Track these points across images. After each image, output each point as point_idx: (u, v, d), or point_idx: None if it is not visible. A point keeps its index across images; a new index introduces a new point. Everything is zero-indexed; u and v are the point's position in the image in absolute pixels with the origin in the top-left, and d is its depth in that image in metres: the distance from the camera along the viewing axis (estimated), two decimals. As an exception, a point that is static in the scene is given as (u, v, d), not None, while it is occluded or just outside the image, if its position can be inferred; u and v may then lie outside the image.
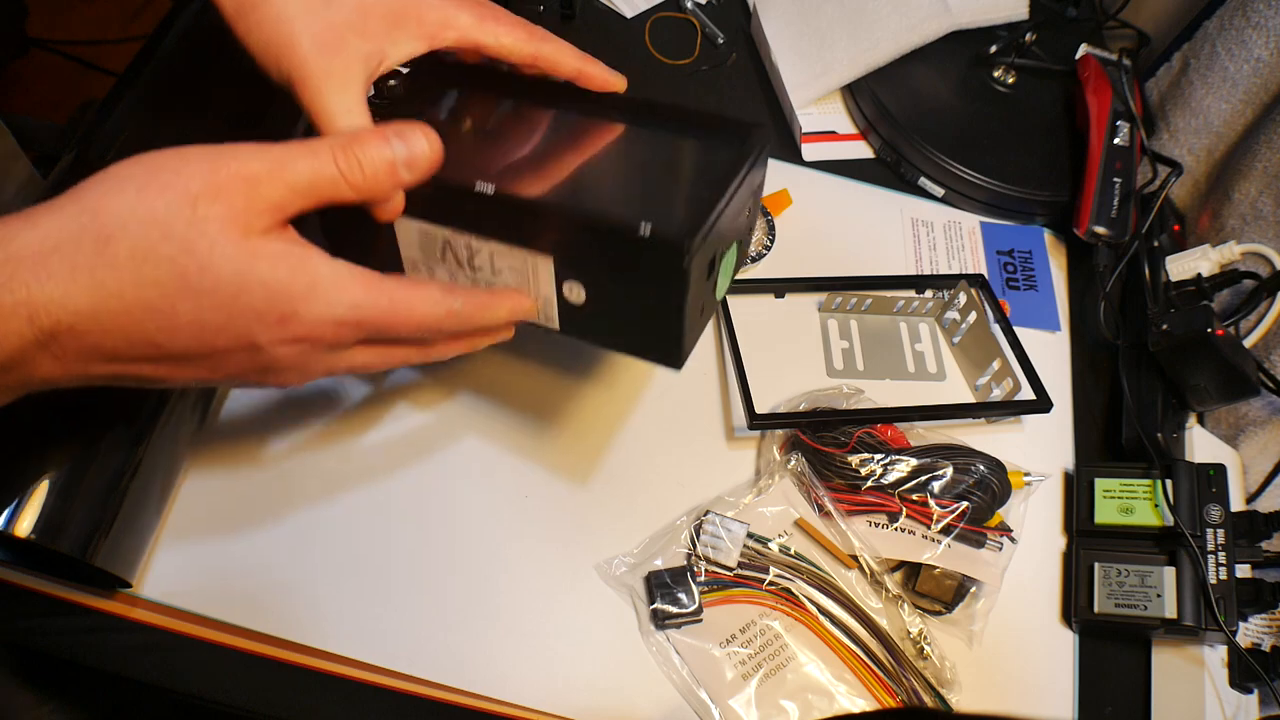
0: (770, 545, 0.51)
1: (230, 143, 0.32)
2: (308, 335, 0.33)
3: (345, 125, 0.38)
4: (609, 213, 0.36)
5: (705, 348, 0.59)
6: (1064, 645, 0.53)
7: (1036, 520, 0.56)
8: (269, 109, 0.53)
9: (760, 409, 0.53)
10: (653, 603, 0.48)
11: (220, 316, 0.31)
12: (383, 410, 0.54)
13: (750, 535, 0.51)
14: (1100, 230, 0.63)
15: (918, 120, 0.68)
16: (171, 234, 0.30)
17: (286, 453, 0.51)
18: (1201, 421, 0.61)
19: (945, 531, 0.51)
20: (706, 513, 0.51)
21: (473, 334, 0.40)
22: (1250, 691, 0.51)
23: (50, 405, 0.36)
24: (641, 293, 0.37)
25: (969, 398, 0.60)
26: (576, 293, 0.39)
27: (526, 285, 0.39)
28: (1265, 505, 0.55)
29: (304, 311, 0.32)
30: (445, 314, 0.36)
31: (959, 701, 0.49)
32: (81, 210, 0.30)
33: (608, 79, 0.45)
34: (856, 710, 0.48)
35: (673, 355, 0.39)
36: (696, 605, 0.48)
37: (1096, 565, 0.53)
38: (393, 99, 0.42)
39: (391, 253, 0.41)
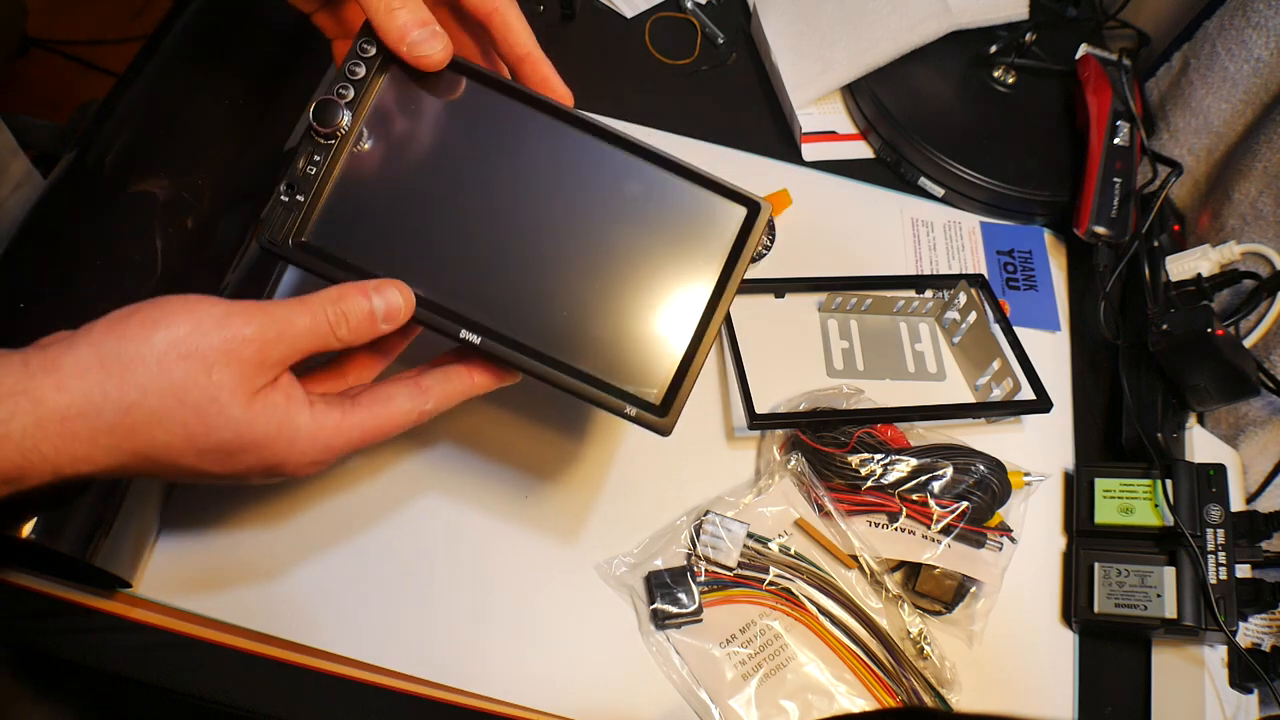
0: (770, 545, 0.51)
1: (238, 301, 0.35)
2: (294, 474, 0.38)
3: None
4: (596, 395, 0.39)
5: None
6: (1064, 645, 0.53)
7: (1036, 520, 0.56)
8: (269, 109, 0.53)
9: (760, 409, 0.53)
10: (653, 603, 0.48)
11: (218, 468, 0.35)
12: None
13: (750, 535, 0.51)
14: (1100, 230, 0.63)
15: (918, 120, 0.68)
16: (186, 400, 0.33)
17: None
18: (1201, 421, 0.61)
19: (945, 531, 0.51)
20: (706, 513, 0.51)
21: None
22: (1250, 691, 0.51)
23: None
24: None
25: (969, 398, 0.60)
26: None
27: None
28: (1265, 505, 0.55)
29: (288, 462, 0.36)
30: (416, 418, 0.39)
31: (959, 701, 0.49)
32: (107, 375, 0.32)
33: (550, 80, 0.43)
34: (856, 710, 0.48)
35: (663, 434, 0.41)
36: (696, 605, 0.48)
37: (1096, 565, 0.53)
38: (338, 139, 0.39)
39: None
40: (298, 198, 0.39)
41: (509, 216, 0.40)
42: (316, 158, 0.39)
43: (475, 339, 0.39)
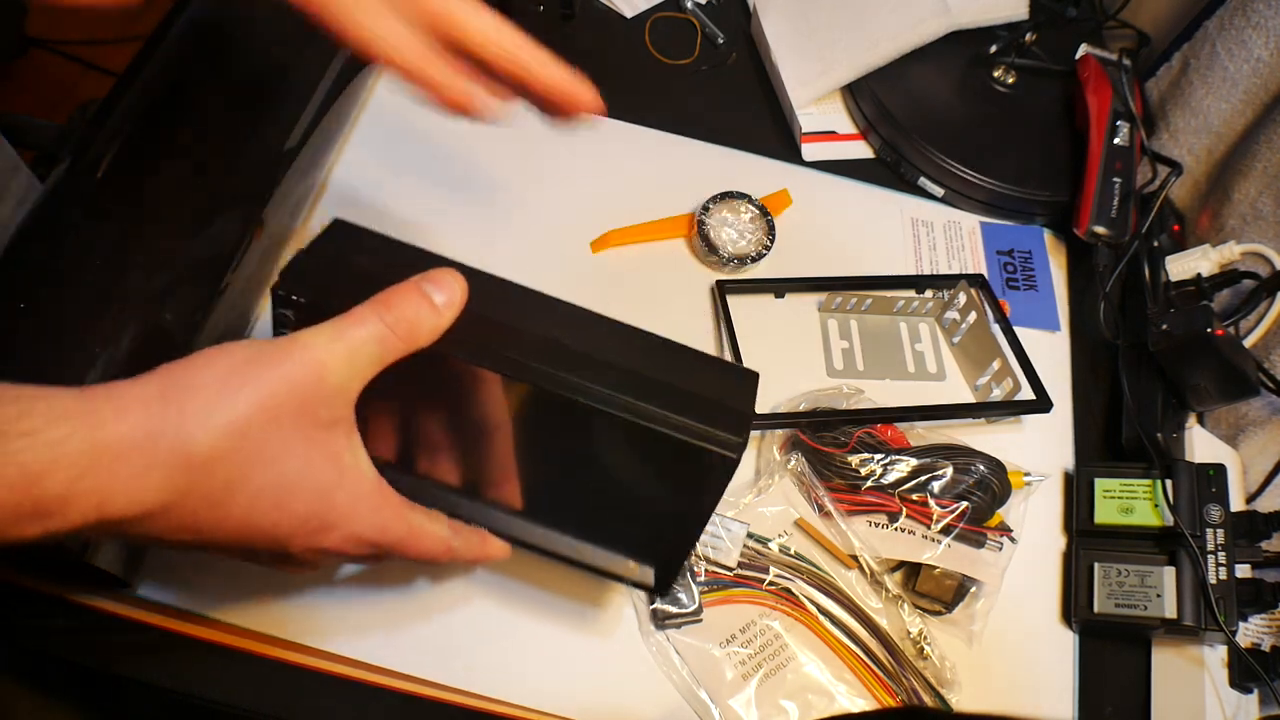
0: (770, 545, 0.51)
1: (299, 330, 0.34)
2: (333, 548, 0.36)
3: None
4: (605, 568, 0.42)
5: (705, 347, 0.59)
6: (1064, 645, 0.53)
7: (1036, 520, 0.56)
8: (269, 108, 0.53)
9: (760, 409, 0.53)
10: (653, 602, 0.48)
11: (268, 520, 0.33)
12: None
13: (750, 535, 0.51)
14: (1100, 230, 0.63)
15: (918, 120, 0.68)
16: (248, 435, 0.31)
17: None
18: (1201, 421, 0.61)
19: (945, 531, 0.51)
20: (706, 513, 0.51)
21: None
22: (1250, 691, 0.51)
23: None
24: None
25: (969, 398, 0.60)
26: None
27: None
28: (1265, 505, 0.55)
29: (340, 526, 0.35)
30: (444, 550, 0.39)
31: (959, 701, 0.49)
32: (167, 404, 0.31)
33: (585, 98, 0.42)
34: (856, 710, 0.48)
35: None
36: (696, 605, 0.48)
37: (1096, 565, 0.53)
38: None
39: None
40: None
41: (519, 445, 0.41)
42: None
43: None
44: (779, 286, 0.61)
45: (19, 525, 0.28)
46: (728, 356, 0.57)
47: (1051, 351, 0.63)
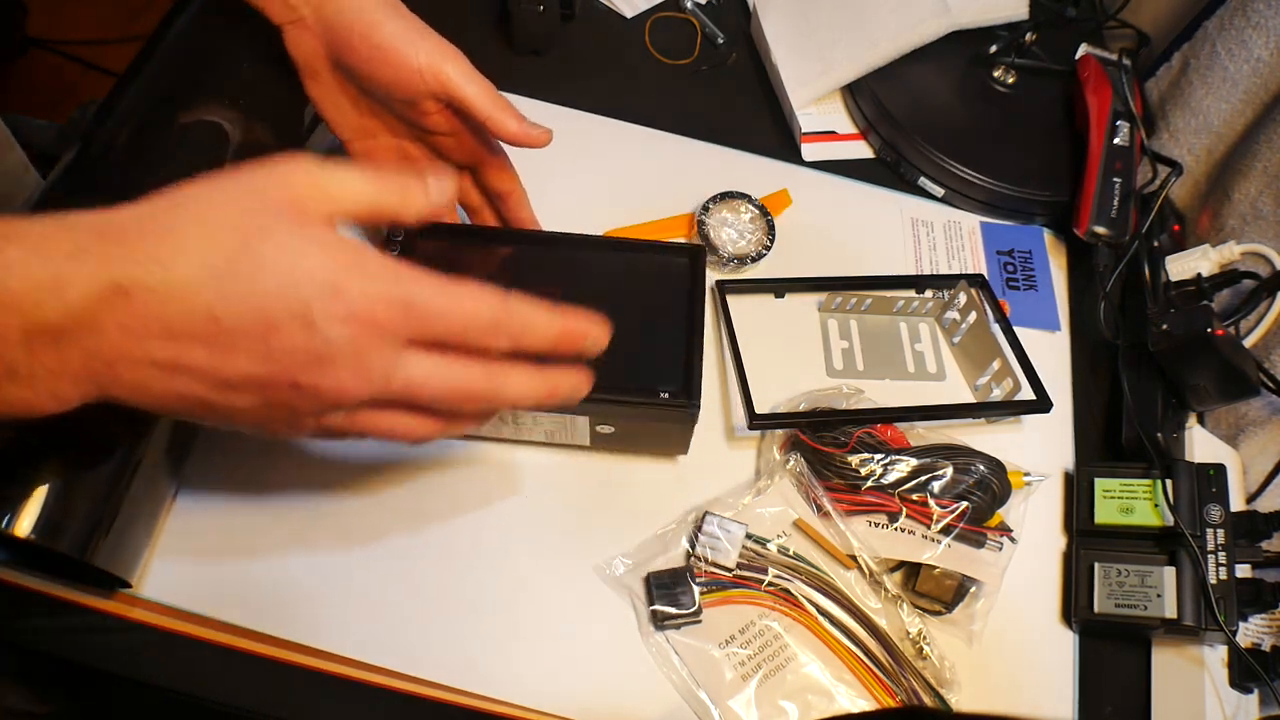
0: (769, 546, 0.51)
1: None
2: (360, 312, 0.32)
3: None
4: (636, 389, 0.48)
5: (706, 347, 0.59)
6: (1064, 645, 0.53)
7: (1036, 520, 0.56)
8: (269, 108, 0.53)
9: (760, 409, 0.53)
10: (652, 603, 0.48)
11: (275, 281, 0.31)
12: (382, 410, 0.53)
13: (749, 536, 0.51)
14: (1100, 230, 0.63)
15: (918, 120, 0.68)
16: (240, 204, 0.31)
17: (286, 453, 0.51)
18: (1201, 421, 0.61)
19: (945, 531, 0.51)
20: (705, 514, 0.51)
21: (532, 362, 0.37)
22: (1250, 691, 0.51)
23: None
24: (662, 427, 0.50)
25: (969, 398, 0.60)
26: (607, 429, 0.51)
27: (565, 430, 0.51)
28: (1265, 505, 0.55)
29: (354, 283, 0.32)
30: (499, 309, 0.35)
31: (959, 701, 0.49)
32: (163, 194, 0.31)
33: (527, 222, 0.56)
34: (856, 710, 0.48)
35: (682, 451, 0.53)
36: (696, 606, 0.48)
37: (1096, 565, 0.53)
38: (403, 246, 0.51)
39: None
40: None
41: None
42: None
43: None
44: (779, 286, 0.61)
45: None
46: (728, 356, 0.57)
47: (1051, 351, 0.63)
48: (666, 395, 0.48)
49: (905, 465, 0.51)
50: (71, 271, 0.29)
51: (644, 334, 0.50)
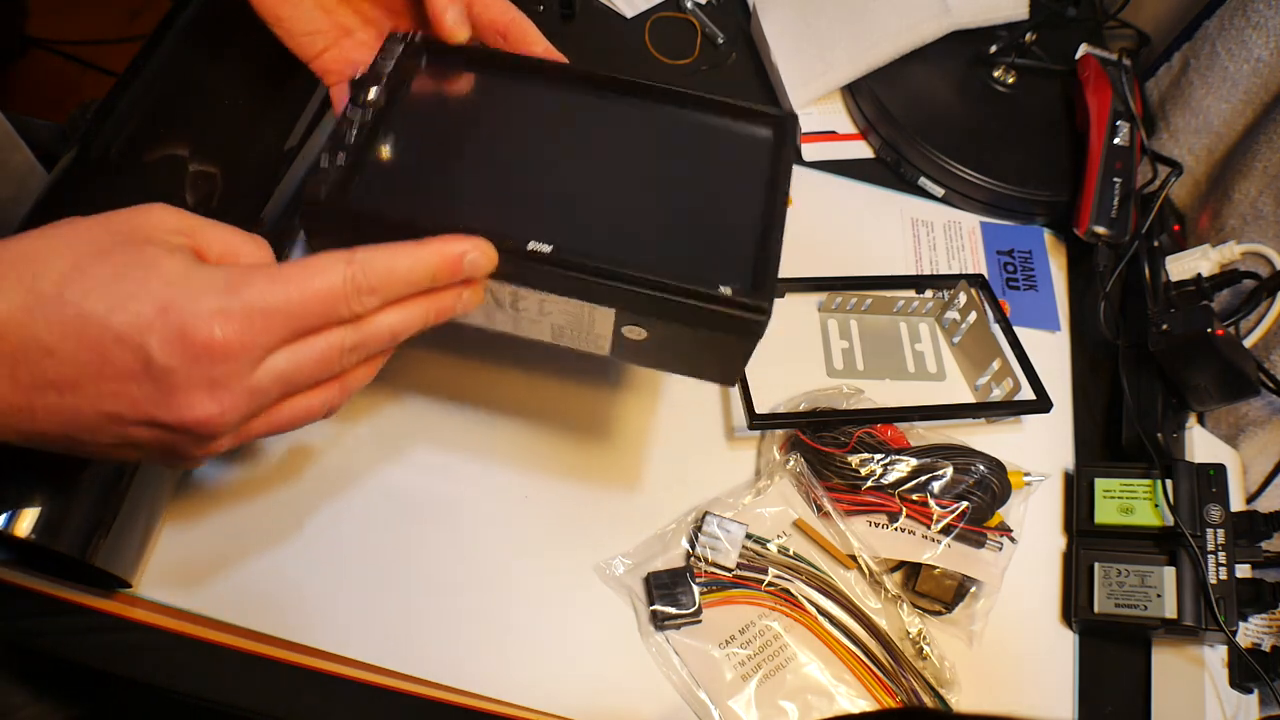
0: (769, 546, 0.51)
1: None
2: (196, 332, 0.29)
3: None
4: (686, 276, 0.36)
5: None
6: (1064, 645, 0.53)
7: (1036, 520, 0.56)
8: (269, 108, 0.53)
9: (760, 409, 0.53)
10: (652, 604, 0.48)
11: (103, 304, 0.28)
12: (383, 411, 0.53)
13: (749, 536, 0.51)
14: (1100, 230, 0.63)
15: (918, 120, 0.68)
16: (88, 233, 0.30)
17: (286, 453, 0.51)
18: (1201, 421, 0.61)
19: (945, 531, 0.51)
20: (705, 514, 0.51)
21: (409, 297, 0.34)
22: (1250, 691, 0.51)
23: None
24: (714, 339, 0.37)
25: (969, 398, 0.60)
26: (637, 333, 0.38)
27: (580, 327, 0.39)
28: (1265, 505, 0.55)
29: (184, 301, 0.29)
30: (350, 277, 0.31)
31: (959, 701, 0.49)
32: (29, 232, 0.30)
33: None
34: (856, 710, 0.48)
35: (730, 380, 0.42)
36: (696, 606, 0.48)
37: (1096, 565, 0.53)
38: (375, 109, 0.39)
39: None
40: (338, 162, 0.37)
41: (555, 163, 0.40)
42: (356, 125, 0.39)
43: (545, 248, 0.35)
44: (779, 286, 0.61)
45: None
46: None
47: (1051, 351, 0.63)
48: (729, 292, 0.35)
49: (905, 465, 0.51)
50: None
51: (705, 215, 0.39)
